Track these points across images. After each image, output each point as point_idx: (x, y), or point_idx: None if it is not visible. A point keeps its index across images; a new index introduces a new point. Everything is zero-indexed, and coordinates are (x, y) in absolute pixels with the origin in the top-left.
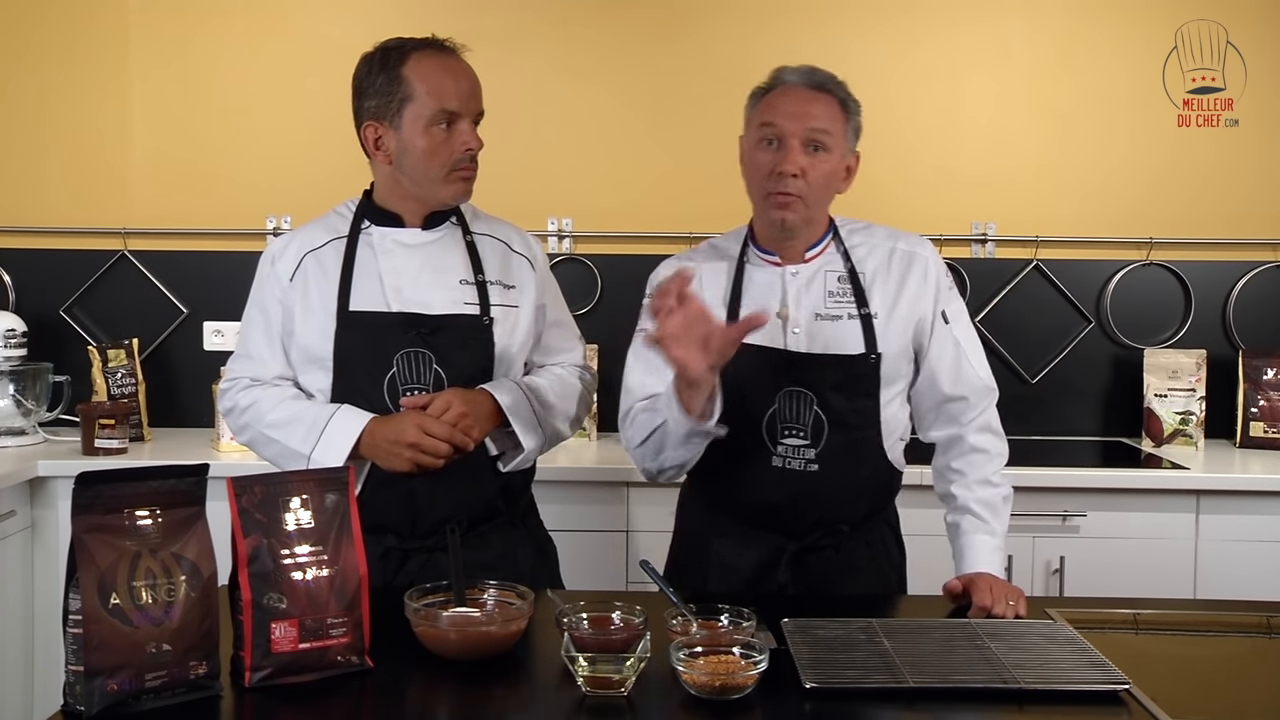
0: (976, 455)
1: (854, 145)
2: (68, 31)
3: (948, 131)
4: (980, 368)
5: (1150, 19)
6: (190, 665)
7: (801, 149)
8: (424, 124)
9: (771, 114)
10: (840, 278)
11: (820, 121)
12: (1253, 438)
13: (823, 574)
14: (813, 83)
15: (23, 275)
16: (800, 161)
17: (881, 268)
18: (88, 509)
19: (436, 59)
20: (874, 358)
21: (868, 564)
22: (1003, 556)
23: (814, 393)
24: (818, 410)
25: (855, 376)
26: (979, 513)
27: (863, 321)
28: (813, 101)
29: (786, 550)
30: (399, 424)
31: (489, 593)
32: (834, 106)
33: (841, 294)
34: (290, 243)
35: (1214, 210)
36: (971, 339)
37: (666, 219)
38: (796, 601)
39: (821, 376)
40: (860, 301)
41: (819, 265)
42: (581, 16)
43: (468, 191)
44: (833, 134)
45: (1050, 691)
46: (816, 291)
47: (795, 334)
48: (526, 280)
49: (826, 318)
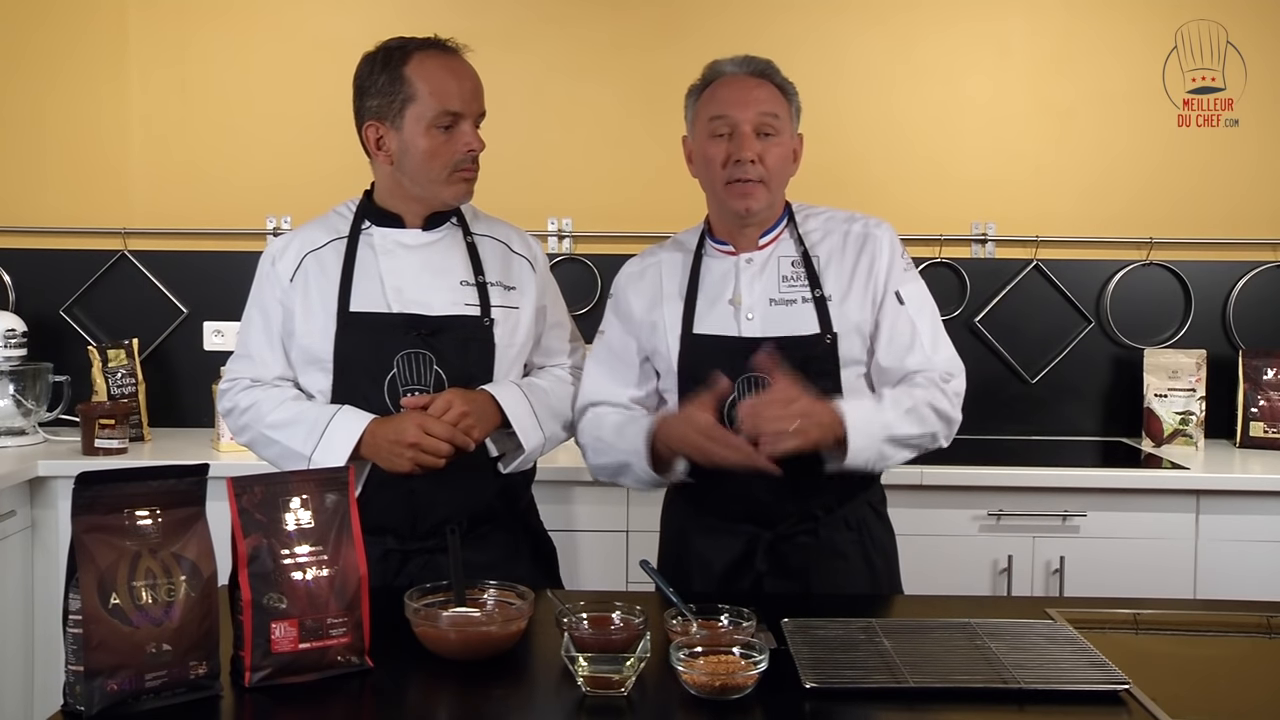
0: (913, 386)
1: (797, 127)
2: (67, 31)
3: (947, 131)
4: (935, 351)
5: (1150, 19)
6: (190, 665)
7: (754, 135)
8: (426, 124)
9: (719, 106)
10: (794, 262)
11: (767, 106)
12: (1253, 438)
13: (802, 561)
14: (753, 70)
15: (23, 275)
16: (756, 147)
17: (836, 250)
18: (88, 509)
19: (439, 59)
20: (829, 338)
21: (850, 547)
22: (861, 415)
23: (770, 377)
24: None
25: (811, 359)
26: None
27: (816, 304)
28: (756, 88)
29: (762, 539)
30: (400, 424)
31: (489, 593)
32: (775, 91)
33: (795, 278)
34: (290, 243)
35: (1214, 210)
36: (929, 322)
37: (666, 219)
38: (782, 596)
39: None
40: (814, 284)
41: (772, 251)
42: (582, 16)
43: (469, 192)
44: (780, 118)
45: (1050, 691)
46: (770, 277)
47: (749, 320)
48: (527, 281)
49: (780, 302)
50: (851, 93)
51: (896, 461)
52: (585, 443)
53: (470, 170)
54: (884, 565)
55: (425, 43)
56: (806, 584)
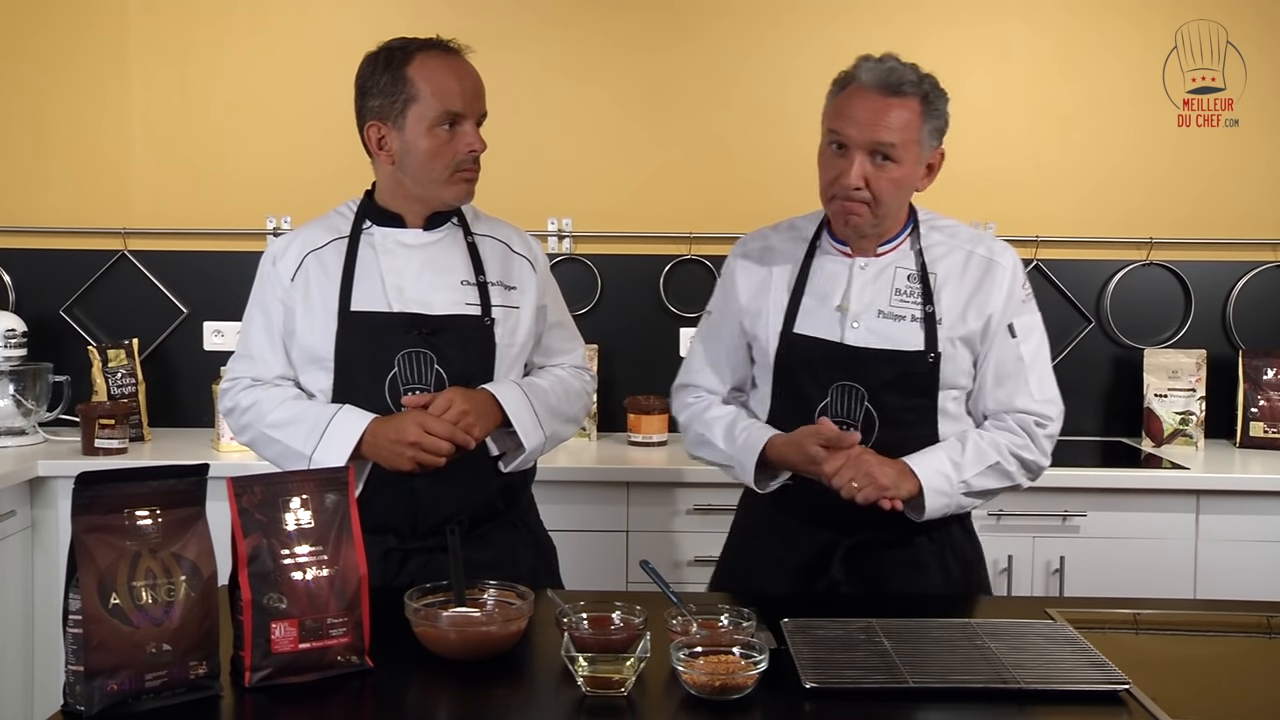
0: (1003, 429)
1: (934, 144)
2: (68, 31)
3: (948, 131)
4: (1040, 390)
5: (1150, 19)
6: (190, 665)
7: (868, 158)
8: (428, 125)
9: (839, 121)
10: (910, 276)
11: (889, 134)
12: (1253, 438)
13: (878, 568)
14: (887, 87)
15: (23, 275)
16: (865, 172)
17: (956, 270)
18: (88, 509)
19: (441, 60)
20: (932, 357)
21: (929, 556)
22: (940, 478)
23: (866, 388)
24: (869, 406)
25: (911, 375)
26: (960, 437)
27: (925, 320)
28: (885, 110)
29: (840, 546)
30: (400, 423)
31: (489, 593)
32: (910, 111)
33: (909, 293)
34: (292, 243)
35: (1214, 210)
36: (1039, 358)
37: (666, 219)
38: (853, 600)
39: (875, 372)
40: (927, 301)
41: (890, 261)
42: (582, 17)
43: (470, 192)
44: (902, 144)
45: (1050, 691)
46: (883, 287)
47: (855, 329)
48: (527, 281)
49: (890, 315)
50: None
51: (977, 505)
52: (686, 426)
53: (471, 171)
54: (962, 574)
55: (427, 43)
56: (883, 590)
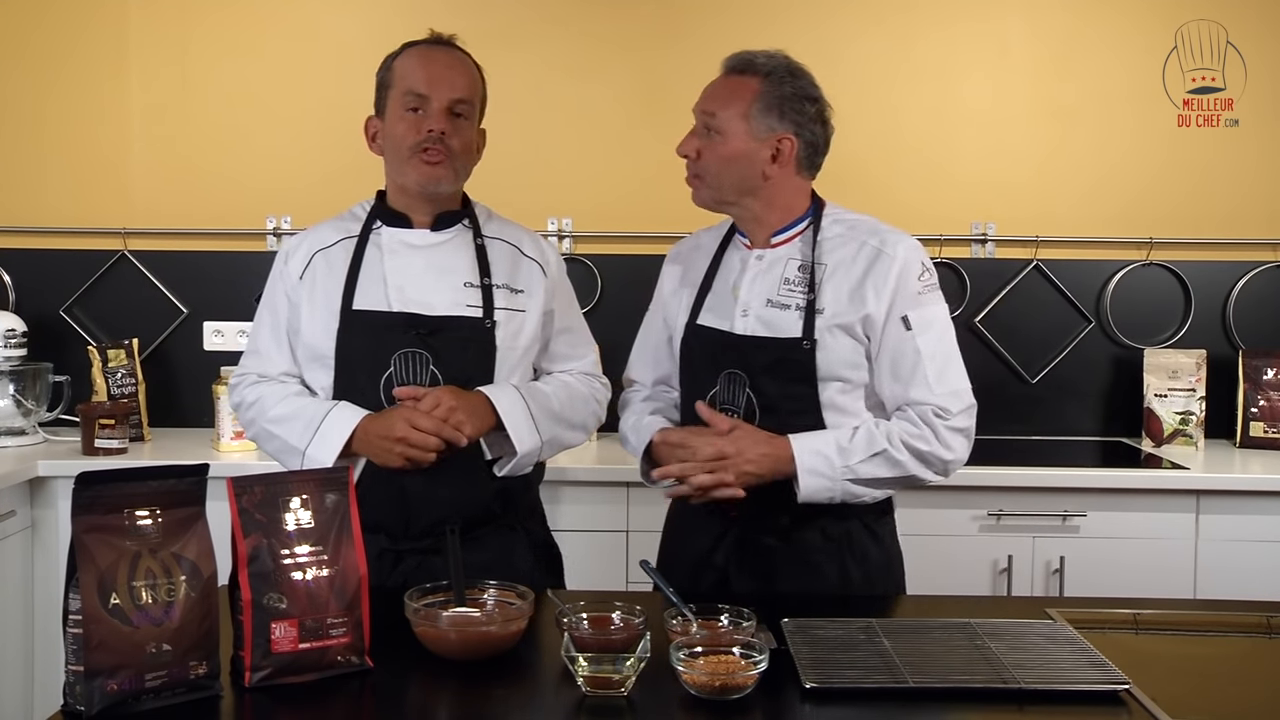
0: (901, 419)
1: (775, 125)
2: (67, 31)
3: (947, 131)
4: (939, 383)
5: (1150, 19)
6: (190, 665)
7: (697, 130)
8: (398, 108)
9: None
10: (802, 266)
11: (710, 104)
12: (1253, 438)
13: (767, 564)
14: (734, 69)
15: (23, 275)
16: (693, 144)
17: (845, 262)
18: (88, 509)
19: (421, 50)
20: (808, 344)
21: (822, 557)
22: (819, 459)
23: (747, 375)
24: (749, 393)
25: (787, 361)
26: (855, 426)
27: (806, 309)
28: (719, 85)
29: (728, 536)
30: (389, 419)
31: (489, 593)
32: (742, 86)
33: (798, 283)
34: (303, 241)
35: (1214, 210)
36: (940, 349)
37: (667, 219)
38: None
39: (754, 359)
40: (810, 290)
41: (784, 253)
42: (582, 15)
43: (432, 177)
44: (725, 117)
45: (1050, 691)
46: (773, 278)
47: (744, 317)
48: (536, 285)
49: (777, 305)
50: (851, 93)
51: (876, 498)
52: (620, 416)
53: (434, 153)
54: (864, 577)
55: (422, 40)
56: (772, 588)
